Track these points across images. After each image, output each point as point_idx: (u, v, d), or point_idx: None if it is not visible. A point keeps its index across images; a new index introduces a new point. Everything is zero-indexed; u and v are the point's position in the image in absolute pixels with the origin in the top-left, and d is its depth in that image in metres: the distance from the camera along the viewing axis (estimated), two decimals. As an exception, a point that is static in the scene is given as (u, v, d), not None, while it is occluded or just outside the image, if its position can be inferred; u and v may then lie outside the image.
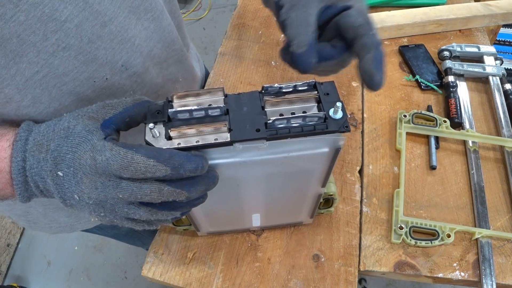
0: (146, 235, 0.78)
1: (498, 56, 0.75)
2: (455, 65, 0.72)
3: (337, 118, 0.34)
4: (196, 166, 0.32)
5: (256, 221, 0.52)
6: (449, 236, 0.54)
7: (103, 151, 0.31)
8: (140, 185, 0.31)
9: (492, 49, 0.75)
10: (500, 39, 1.30)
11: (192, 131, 0.33)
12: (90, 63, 0.40)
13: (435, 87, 0.71)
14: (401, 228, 0.54)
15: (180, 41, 0.54)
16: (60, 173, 0.32)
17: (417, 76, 0.73)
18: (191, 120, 0.34)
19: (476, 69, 0.72)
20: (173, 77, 0.54)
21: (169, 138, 0.33)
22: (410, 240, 0.53)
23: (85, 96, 0.43)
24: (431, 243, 0.53)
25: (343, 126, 0.34)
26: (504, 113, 0.67)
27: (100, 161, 0.31)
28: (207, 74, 0.75)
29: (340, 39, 0.36)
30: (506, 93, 0.69)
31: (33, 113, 0.40)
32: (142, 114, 0.36)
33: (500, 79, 0.71)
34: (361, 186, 0.60)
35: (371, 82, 0.34)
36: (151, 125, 0.33)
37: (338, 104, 0.33)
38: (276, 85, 0.36)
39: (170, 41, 0.51)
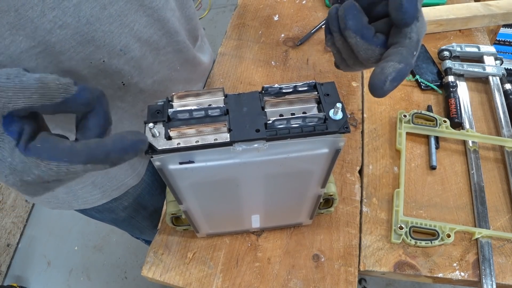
0: (145, 224, 0.78)
1: (498, 56, 0.74)
2: (455, 65, 0.72)
3: (337, 119, 0.34)
4: (135, 153, 0.29)
5: (255, 222, 0.52)
6: (449, 236, 0.54)
7: (28, 171, 0.26)
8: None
9: (492, 49, 0.75)
10: (500, 39, 1.30)
11: (192, 131, 0.33)
12: (87, 44, 0.40)
13: (435, 87, 0.71)
14: (401, 228, 0.54)
15: (183, 32, 0.54)
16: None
17: (417, 76, 0.73)
18: (191, 120, 0.34)
19: (476, 69, 0.72)
20: (170, 64, 0.54)
21: (168, 138, 0.33)
22: (410, 240, 0.53)
23: (81, 76, 0.43)
24: (431, 243, 0.53)
25: (343, 127, 0.34)
26: (504, 113, 0.66)
27: (32, 179, 0.27)
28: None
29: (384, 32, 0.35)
30: (506, 93, 0.69)
31: None
32: (53, 106, 0.27)
33: (500, 79, 0.71)
34: (361, 186, 0.60)
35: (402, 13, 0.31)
36: (151, 124, 0.33)
37: (338, 105, 0.33)
38: (276, 85, 0.36)
39: (173, 31, 0.51)
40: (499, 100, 0.68)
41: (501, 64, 0.73)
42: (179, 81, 0.59)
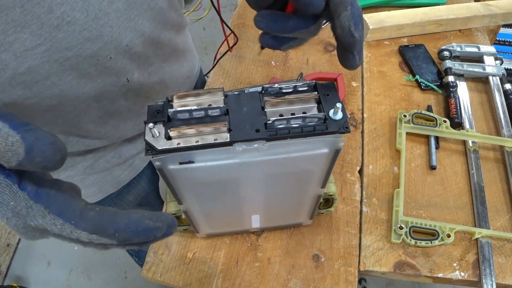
0: None
1: (498, 56, 0.75)
2: (455, 65, 0.72)
3: (337, 119, 0.34)
4: (145, 239, 0.27)
5: (255, 222, 0.52)
6: (449, 236, 0.54)
7: (32, 216, 0.24)
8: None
9: (492, 49, 0.75)
10: (500, 39, 1.30)
11: (191, 131, 0.33)
12: (95, 40, 0.39)
13: (435, 87, 0.71)
14: (401, 228, 0.54)
15: (176, 26, 0.55)
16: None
17: (417, 76, 0.73)
18: (191, 120, 0.34)
19: (476, 69, 0.72)
20: (168, 58, 0.55)
21: (168, 138, 0.33)
22: (410, 240, 0.53)
23: (87, 74, 0.42)
24: (431, 243, 0.53)
25: (343, 127, 0.34)
26: (504, 113, 0.67)
27: (35, 225, 0.24)
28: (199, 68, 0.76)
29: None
30: (506, 93, 0.69)
31: (29, 81, 0.39)
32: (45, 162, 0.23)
33: (500, 79, 0.71)
34: (361, 186, 0.60)
35: (350, 39, 0.30)
36: (150, 124, 0.33)
37: (338, 105, 0.33)
38: (276, 85, 0.36)
39: (168, 24, 0.51)
40: (499, 100, 0.68)
41: (501, 64, 0.73)
42: (178, 76, 0.59)
